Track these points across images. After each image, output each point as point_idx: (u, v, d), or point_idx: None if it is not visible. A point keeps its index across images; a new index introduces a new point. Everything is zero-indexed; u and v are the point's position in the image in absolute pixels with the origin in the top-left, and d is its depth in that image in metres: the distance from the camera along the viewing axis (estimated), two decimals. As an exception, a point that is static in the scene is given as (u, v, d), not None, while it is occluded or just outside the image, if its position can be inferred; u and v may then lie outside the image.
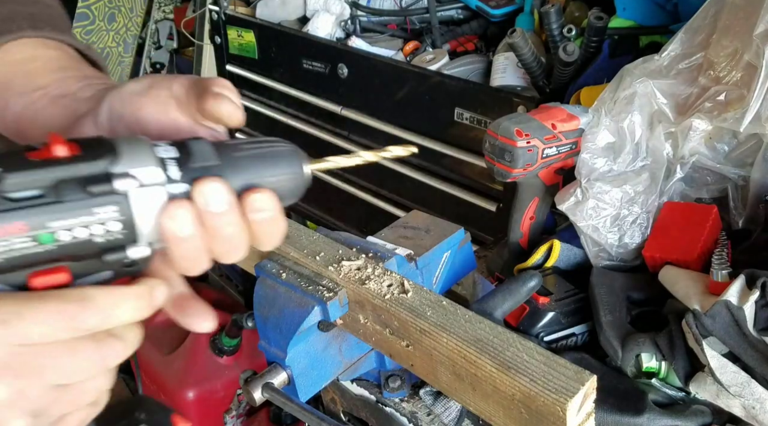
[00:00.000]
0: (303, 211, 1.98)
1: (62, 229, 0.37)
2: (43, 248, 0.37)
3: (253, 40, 1.91)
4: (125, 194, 0.38)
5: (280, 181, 0.43)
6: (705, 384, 0.66)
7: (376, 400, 0.78)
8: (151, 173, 0.39)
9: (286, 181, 0.44)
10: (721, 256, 0.70)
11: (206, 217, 0.40)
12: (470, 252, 0.85)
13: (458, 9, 1.68)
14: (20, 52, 0.57)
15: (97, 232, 0.38)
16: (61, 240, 0.38)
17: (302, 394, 0.70)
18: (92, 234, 0.38)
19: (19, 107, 0.53)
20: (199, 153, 0.41)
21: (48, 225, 0.37)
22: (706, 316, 0.66)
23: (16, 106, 0.53)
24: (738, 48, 0.79)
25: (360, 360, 0.76)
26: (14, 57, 0.56)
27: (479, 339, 0.59)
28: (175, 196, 0.40)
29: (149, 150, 0.40)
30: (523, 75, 1.37)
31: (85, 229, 0.38)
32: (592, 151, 0.84)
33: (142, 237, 0.40)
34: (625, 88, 0.84)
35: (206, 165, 0.41)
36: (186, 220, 0.39)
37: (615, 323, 0.74)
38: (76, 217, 0.37)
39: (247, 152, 0.43)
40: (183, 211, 0.39)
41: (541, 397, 0.53)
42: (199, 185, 0.40)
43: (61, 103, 0.51)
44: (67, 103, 0.51)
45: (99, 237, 0.39)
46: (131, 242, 0.40)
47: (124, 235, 0.39)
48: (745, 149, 0.81)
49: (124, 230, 0.39)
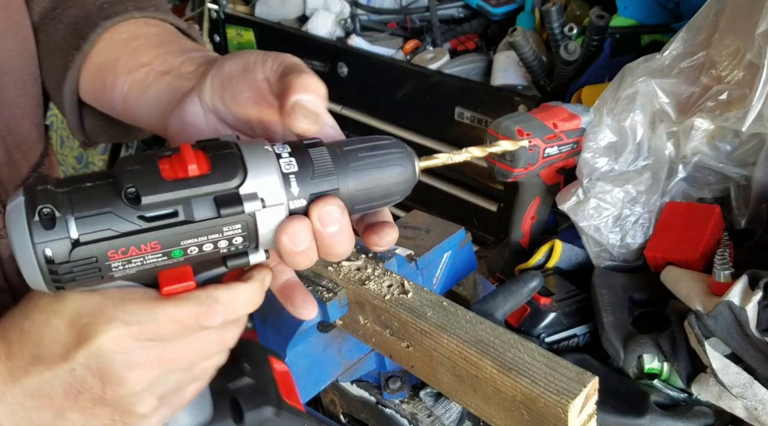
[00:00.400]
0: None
1: (192, 246, 0.40)
2: (173, 260, 0.40)
3: (253, 38, 1.91)
4: (252, 214, 0.41)
5: (392, 186, 0.45)
6: (707, 385, 0.66)
7: (376, 402, 0.78)
8: (276, 193, 0.41)
9: (399, 185, 0.45)
10: (724, 257, 0.70)
11: (319, 233, 0.43)
12: (471, 252, 0.85)
13: (459, 7, 1.68)
14: (125, 32, 0.59)
15: (222, 245, 0.41)
16: (190, 254, 0.40)
17: (302, 395, 0.70)
18: (218, 247, 0.41)
19: (126, 85, 0.55)
20: (318, 166, 0.42)
21: (180, 243, 0.40)
22: (709, 317, 0.65)
23: (124, 85, 0.55)
24: (740, 47, 0.79)
25: (360, 361, 0.76)
26: (120, 37, 0.58)
27: (480, 340, 0.58)
28: (293, 212, 0.42)
29: (274, 165, 0.41)
30: (524, 74, 1.36)
31: (212, 244, 0.41)
32: (594, 151, 0.84)
33: (261, 245, 0.42)
34: (626, 87, 0.84)
35: (324, 179, 0.42)
36: (302, 237, 0.42)
37: (617, 324, 0.74)
38: (207, 236, 0.40)
39: (363, 161, 0.45)
40: (299, 230, 0.42)
41: (542, 399, 0.53)
42: (317, 208, 0.42)
43: (166, 80, 0.53)
44: (171, 80, 0.53)
45: (224, 248, 0.41)
46: (253, 250, 0.42)
47: (246, 246, 0.42)
48: (747, 149, 0.81)
49: (246, 242, 0.42)
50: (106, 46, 0.58)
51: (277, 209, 0.41)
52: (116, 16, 0.58)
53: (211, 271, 0.43)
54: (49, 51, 0.61)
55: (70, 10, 0.60)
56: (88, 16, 0.59)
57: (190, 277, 0.41)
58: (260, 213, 0.41)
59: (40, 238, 0.37)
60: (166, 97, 0.52)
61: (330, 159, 0.43)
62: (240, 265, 0.43)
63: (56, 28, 0.61)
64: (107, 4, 0.60)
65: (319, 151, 0.43)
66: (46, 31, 0.61)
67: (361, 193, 0.44)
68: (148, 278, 0.41)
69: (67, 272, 0.38)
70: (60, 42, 0.60)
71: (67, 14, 0.60)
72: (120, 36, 0.59)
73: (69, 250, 0.37)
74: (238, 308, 0.43)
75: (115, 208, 0.38)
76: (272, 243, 0.42)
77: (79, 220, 0.37)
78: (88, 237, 0.38)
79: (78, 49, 0.57)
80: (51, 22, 0.61)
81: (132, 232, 0.38)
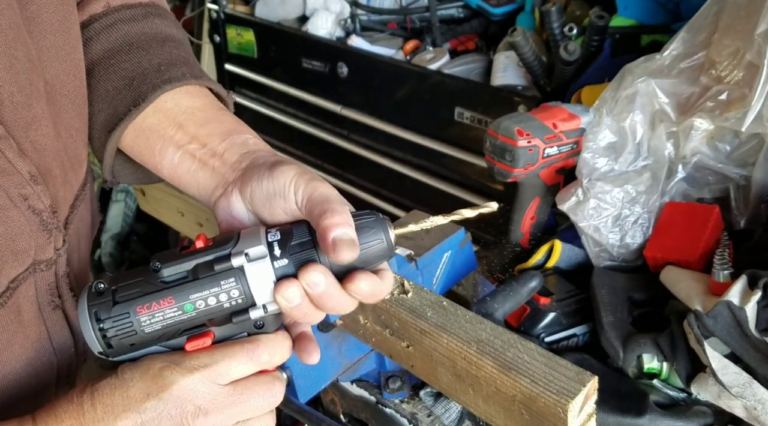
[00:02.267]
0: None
1: (199, 299, 0.51)
2: (187, 315, 0.51)
3: (253, 39, 1.91)
4: (241, 268, 0.51)
5: (367, 249, 0.52)
6: (706, 385, 0.66)
7: (376, 401, 0.78)
8: (259, 251, 0.51)
9: (373, 249, 0.53)
10: (723, 257, 0.70)
11: (310, 294, 0.51)
12: (471, 252, 0.85)
13: (459, 8, 1.68)
14: (170, 100, 0.64)
15: (223, 299, 0.51)
16: (198, 307, 0.51)
17: (302, 395, 0.70)
18: (220, 301, 0.51)
19: (176, 159, 0.62)
20: (297, 234, 0.52)
21: (189, 297, 0.51)
22: (708, 317, 0.65)
23: (173, 158, 0.63)
24: (740, 47, 0.79)
25: (360, 361, 0.76)
26: (166, 105, 0.64)
27: (480, 340, 0.58)
28: (280, 270, 0.51)
29: (260, 235, 0.52)
30: (524, 74, 1.36)
31: (215, 298, 0.51)
32: (594, 151, 0.84)
33: (258, 301, 0.52)
34: (626, 87, 0.84)
35: (302, 241, 0.52)
36: (294, 295, 0.51)
37: (616, 324, 0.74)
38: (208, 289, 0.51)
39: None
40: (291, 289, 0.50)
41: (542, 398, 0.53)
42: (303, 272, 0.51)
43: (211, 165, 0.61)
44: (217, 166, 0.61)
45: (226, 303, 0.51)
46: (251, 305, 0.52)
47: (244, 300, 0.51)
48: (746, 149, 0.81)
49: (242, 296, 0.51)
50: (152, 111, 0.64)
51: (262, 263, 0.51)
52: (176, 82, 0.64)
53: (225, 328, 0.53)
54: (98, 96, 0.66)
55: (125, 64, 0.65)
56: (145, 74, 0.64)
57: (209, 334, 0.53)
58: (247, 266, 0.51)
59: (92, 301, 0.51)
60: (212, 183, 0.61)
61: (308, 230, 0.53)
62: (245, 322, 0.52)
63: (109, 77, 0.65)
64: (164, 66, 0.65)
65: (302, 226, 0.53)
66: (98, 77, 0.66)
67: None
68: (180, 341, 0.53)
69: (111, 327, 0.51)
70: (112, 91, 0.65)
71: (122, 67, 0.65)
72: (165, 104, 0.64)
73: (110, 308, 0.51)
74: (276, 348, 0.54)
75: (145, 278, 0.52)
76: (268, 299, 0.52)
77: (119, 288, 0.51)
78: (123, 298, 0.51)
79: (136, 106, 0.63)
80: (104, 70, 0.65)
81: (153, 292, 0.51)
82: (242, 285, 0.51)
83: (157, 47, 0.67)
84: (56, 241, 0.60)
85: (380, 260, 0.54)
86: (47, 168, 0.58)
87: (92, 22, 0.66)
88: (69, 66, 0.61)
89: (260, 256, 0.51)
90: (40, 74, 0.57)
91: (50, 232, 0.58)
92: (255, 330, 0.54)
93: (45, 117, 0.57)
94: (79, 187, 0.66)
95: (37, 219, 0.56)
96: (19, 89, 0.53)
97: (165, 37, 0.69)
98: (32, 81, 0.55)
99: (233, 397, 0.52)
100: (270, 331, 0.54)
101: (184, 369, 0.51)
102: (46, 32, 0.57)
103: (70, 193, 0.64)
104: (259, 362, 0.53)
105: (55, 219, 0.59)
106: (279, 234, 0.53)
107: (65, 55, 0.60)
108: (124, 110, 0.63)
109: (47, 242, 0.58)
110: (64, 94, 0.61)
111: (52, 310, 0.61)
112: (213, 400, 0.51)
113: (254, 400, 0.52)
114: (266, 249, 0.51)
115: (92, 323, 0.51)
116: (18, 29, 0.53)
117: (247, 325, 0.53)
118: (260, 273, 0.51)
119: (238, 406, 0.52)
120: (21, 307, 0.57)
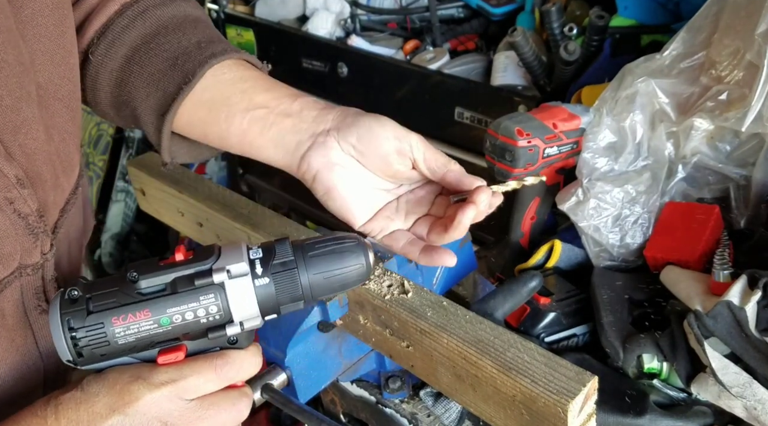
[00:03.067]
0: (303, 211, 1.97)
1: (176, 313, 0.50)
2: (162, 329, 0.51)
3: (253, 38, 1.91)
4: (222, 284, 0.51)
5: (344, 272, 0.54)
6: (706, 385, 0.66)
7: (376, 401, 0.78)
8: (241, 268, 0.51)
9: (350, 271, 0.54)
10: (723, 257, 0.70)
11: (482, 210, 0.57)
12: (471, 252, 0.85)
13: (459, 8, 1.68)
14: (227, 72, 0.65)
15: (201, 314, 0.51)
16: (175, 322, 0.51)
17: (302, 395, 0.70)
18: (197, 316, 0.51)
19: (245, 123, 0.63)
20: (280, 252, 0.53)
21: (166, 311, 0.50)
22: (708, 317, 0.65)
23: (242, 122, 0.63)
24: (740, 47, 0.79)
25: (360, 361, 0.76)
26: (224, 77, 0.65)
27: (480, 340, 0.58)
28: (261, 289, 0.52)
29: (242, 251, 0.52)
30: (524, 74, 1.36)
31: (192, 313, 0.51)
32: (594, 151, 0.84)
33: (236, 317, 0.52)
34: (626, 87, 0.84)
35: (284, 261, 0.52)
36: None
37: (616, 324, 0.74)
38: (187, 304, 0.50)
39: (320, 250, 0.54)
40: None
41: (542, 398, 0.53)
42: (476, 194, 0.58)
43: (289, 122, 0.62)
44: (295, 123, 0.62)
45: (203, 318, 0.51)
46: (228, 322, 0.52)
47: (221, 316, 0.51)
48: (746, 149, 0.81)
49: (221, 312, 0.51)
50: (211, 83, 0.65)
51: (243, 281, 0.51)
52: (220, 56, 0.65)
53: (198, 342, 0.53)
54: (142, 81, 0.66)
55: (165, 45, 0.66)
56: (188, 53, 0.65)
57: (182, 348, 0.52)
58: (228, 283, 0.51)
59: (65, 309, 0.50)
60: (293, 138, 0.62)
61: (290, 249, 0.53)
62: (220, 337, 0.52)
63: (151, 61, 0.66)
64: (204, 43, 0.66)
65: (285, 244, 0.54)
66: (140, 62, 0.67)
67: (317, 277, 0.53)
68: (151, 353, 0.52)
69: (83, 337, 0.50)
70: (157, 74, 0.66)
71: (163, 49, 0.66)
72: (224, 76, 0.65)
73: (84, 317, 0.50)
74: (244, 364, 0.54)
75: (121, 288, 0.51)
76: (246, 315, 0.52)
77: (93, 296, 0.50)
78: (98, 308, 0.50)
79: (186, 84, 0.64)
80: (145, 55, 0.66)
81: (130, 303, 0.50)
82: (221, 301, 0.51)
83: (191, 27, 0.68)
84: (43, 245, 0.59)
85: (358, 284, 0.56)
86: (36, 172, 0.58)
87: (125, 11, 0.67)
88: (63, 70, 0.61)
89: (242, 274, 0.51)
90: (32, 78, 0.57)
91: (36, 236, 0.58)
92: (228, 345, 0.54)
93: (35, 120, 0.57)
94: (71, 191, 0.66)
95: (23, 223, 0.56)
96: (8, 92, 0.53)
97: (195, 18, 0.70)
98: (23, 84, 0.55)
99: (199, 412, 0.52)
100: (243, 347, 0.54)
101: (151, 384, 0.50)
102: (40, 36, 0.58)
103: (61, 197, 0.64)
104: (226, 378, 0.53)
105: (42, 223, 0.59)
106: (261, 252, 0.53)
107: (60, 59, 0.60)
108: (174, 90, 0.64)
109: (33, 246, 0.58)
110: (58, 98, 0.61)
111: (38, 314, 0.61)
112: (179, 416, 0.51)
113: (220, 415, 0.53)
114: (248, 267, 0.52)
115: (64, 332, 0.50)
116: (9, 33, 0.53)
117: (221, 340, 0.53)
118: (240, 290, 0.51)
119: (204, 422, 0.52)
120: (5, 311, 0.57)
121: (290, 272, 0.52)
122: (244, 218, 0.77)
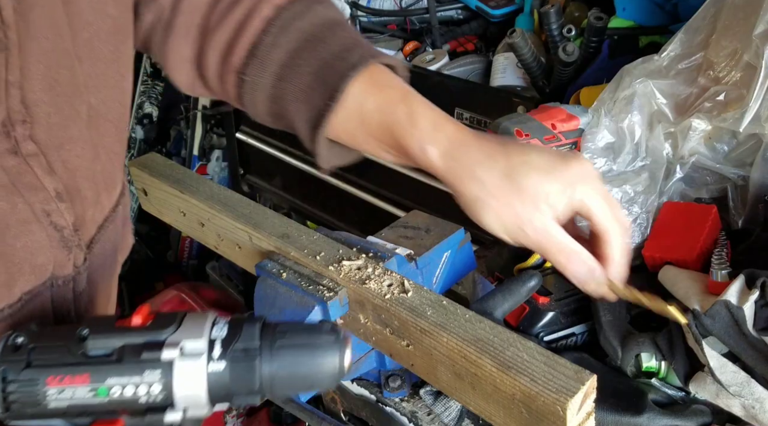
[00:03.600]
0: (303, 211, 1.98)
1: (116, 385, 0.45)
2: (97, 400, 0.45)
3: (253, 40, 1.91)
4: (170, 363, 0.45)
5: (312, 371, 0.47)
6: (705, 383, 0.67)
7: (376, 400, 0.78)
8: (197, 347, 0.45)
9: (319, 372, 0.47)
10: (721, 256, 0.70)
11: None
12: (470, 252, 0.85)
13: (458, 9, 1.68)
14: (383, 75, 0.67)
15: (141, 392, 0.45)
16: (112, 395, 0.45)
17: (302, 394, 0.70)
18: (137, 393, 0.45)
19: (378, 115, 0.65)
20: (245, 335, 0.47)
21: (105, 380, 0.45)
22: (706, 316, 0.66)
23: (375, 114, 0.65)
24: (737, 48, 0.79)
25: (360, 360, 0.76)
26: (381, 76, 0.67)
27: (479, 339, 0.59)
28: (214, 375, 0.45)
29: (205, 327, 0.47)
30: (522, 75, 1.37)
31: (133, 388, 0.45)
32: (592, 151, 0.84)
33: (178, 402, 0.46)
34: (624, 88, 0.84)
35: (247, 347, 0.46)
36: None
37: (615, 323, 0.74)
38: (129, 377, 0.45)
39: (290, 340, 0.48)
40: None
41: (541, 397, 0.53)
42: None
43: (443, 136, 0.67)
44: None
45: (143, 397, 0.45)
46: (169, 406, 0.46)
47: (163, 399, 0.45)
48: (744, 149, 0.82)
49: (163, 393, 0.45)
50: (358, 91, 0.65)
51: (195, 362, 0.45)
52: (360, 65, 0.65)
53: (137, 420, 0.46)
54: (293, 98, 0.67)
55: (309, 60, 0.67)
56: (329, 65, 0.66)
57: (120, 423, 0.46)
58: (178, 362, 0.45)
59: (5, 356, 0.45)
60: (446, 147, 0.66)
61: (258, 333, 0.47)
62: (157, 421, 0.46)
63: (299, 78, 0.67)
64: (344, 53, 0.66)
65: (252, 326, 0.48)
66: (290, 79, 0.67)
67: (281, 372, 0.47)
68: (85, 421, 0.46)
69: (14, 391, 0.45)
70: (306, 90, 0.67)
71: (308, 64, 0.67)
72: (381, 76, 0.67)
73: (20, 370, 0.45)
74: None
75: (67, 344, 0.45)
76: (191, 402, 0.46)
77: (37, 348, 0.45)
78: (38, 363, 0.45)
79: (332, 99, 0.64)
80: (292, 72, 0.67)
81: (70, 364, 0.45)
82: (166, 381, 0.45)
83: (329, 35, 0.68)
84: (76, 258, 0.60)
85: (327, 386, 0.50)
86: (76, 187, 0.59)
87: (269, 28, 0.67)
88: (116, 93, 0.63)
89: (196, 353, 0.46)
90: (84, 99, 0.58)
91: (70, 249, 0.59)
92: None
93: (82, 139, 0.58)
94: (111, 209, 0.67)
95: (58, 235, 0.57)
96: (57, 111, 0.55)
97: (331, 22, 0.70)
98: (73, 104, 0.56)
99: None
100: None
101: None
102: (96, 59, 0.59)
103: (100, 213, 0.65)
104: None
105: (76, 237, 0.60)
106: (226, 329, 0.47)
107: (114, 83, 0.62)
108: (322, 106, 0.65)
109: (67, 259, 0.59)
110: (109, 120, 0.62)
111: None
112: None
113: None
114: (206, 345, 0.46)
115: None
116: (65, 54, 0.54)
117: (157, 424, 0.47)
118: (190, 372, 0.45)
119: None
120: (34, 320, 0.58)
121: (250, 362, 0.46)
122: (245, 218, 0.77)
